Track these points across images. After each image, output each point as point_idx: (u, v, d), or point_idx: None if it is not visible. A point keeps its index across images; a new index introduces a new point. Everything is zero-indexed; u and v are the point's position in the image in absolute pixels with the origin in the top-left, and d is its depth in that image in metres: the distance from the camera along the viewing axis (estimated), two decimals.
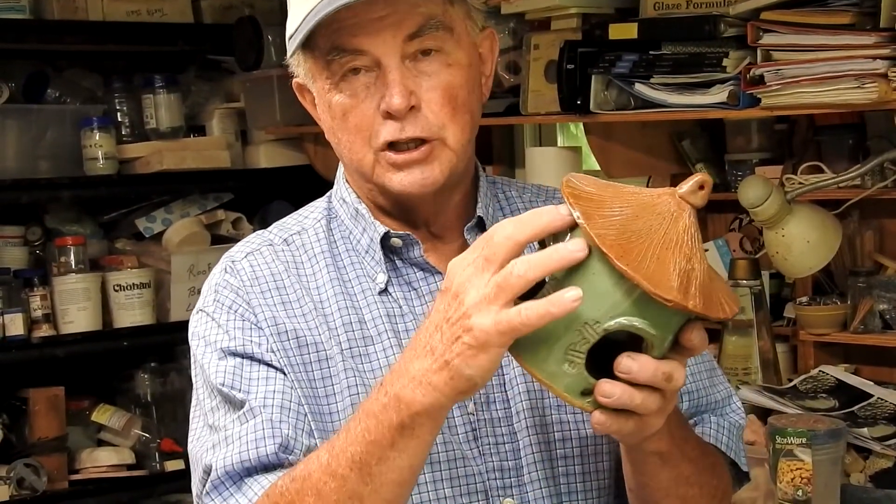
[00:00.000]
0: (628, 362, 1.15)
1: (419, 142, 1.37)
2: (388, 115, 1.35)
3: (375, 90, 1.36)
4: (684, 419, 1.42)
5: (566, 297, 1.10)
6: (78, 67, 3.59)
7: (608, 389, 1.16)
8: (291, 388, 1.38)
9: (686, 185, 1.18)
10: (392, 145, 1.37)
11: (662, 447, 1.32)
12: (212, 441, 1.38)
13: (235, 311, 1.42)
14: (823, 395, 2.50)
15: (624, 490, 1.45)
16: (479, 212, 1.45)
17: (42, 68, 3.50)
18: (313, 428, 1.38)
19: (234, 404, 1.38)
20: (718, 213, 2.99)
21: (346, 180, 1.49)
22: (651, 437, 1.26)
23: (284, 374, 1.39)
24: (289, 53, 1.41)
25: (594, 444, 1.44)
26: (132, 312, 3.37)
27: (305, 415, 1.38)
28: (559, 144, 3.56)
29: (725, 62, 2.39)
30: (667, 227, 1.15)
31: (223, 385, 1.38)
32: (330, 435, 1.33)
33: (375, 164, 1.38)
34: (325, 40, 1.36)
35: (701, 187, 1.18)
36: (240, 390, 1.38)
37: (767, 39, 2.31)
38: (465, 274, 1.15)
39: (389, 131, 1.36)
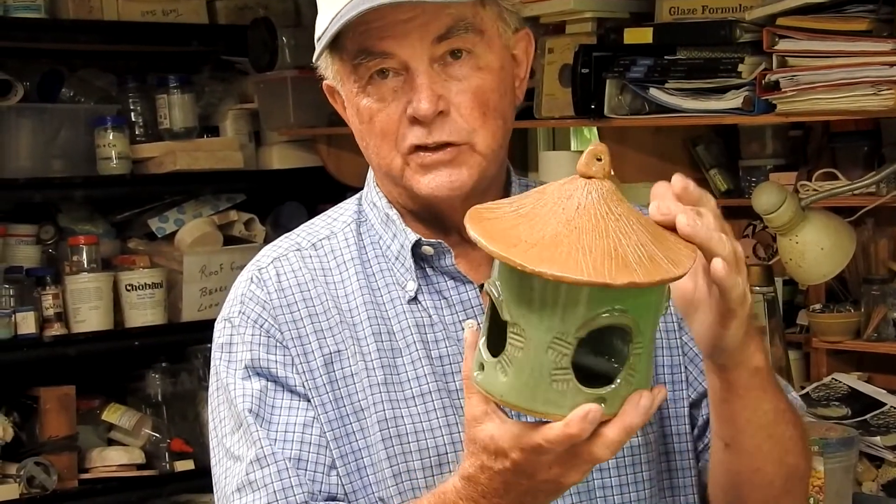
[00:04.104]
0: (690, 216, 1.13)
1: (446, 145, 1.34)
2: (415, 121, 1.33)
3: (403, 94, 1.34)
4: None
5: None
6: (92, 67, 3.59)
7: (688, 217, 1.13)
8: (314, 418, 1.37)
9: (581, 159, 1.15)
10: (419, 148, 1.35)
11: (761, 361, 1.25)
12: (237, 479, 1.36)
13: (261, 327, 1.40)
14: (836, 402, 2.49)
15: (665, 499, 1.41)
16: None
17: (56, 67, 3.50)
18: (336, 456, 1.36)
19: (254, 434, 1.36)
20: (732, 219, 2.96)
21: (377, 184, 1.46)
22: (748, 349, 1.22)
23: (308, 399, 1.37)
24: (315, 55, 1.39)
25: (632, 455, 1.38)
26: (144, 312, 3.37)
27: (327, 446, 1.36)
28: (573, 148, 3.56)
29: (741, 68, 2.38)
30: (566, 211, 1.12)
31: (247, 410, 1.37)
32: (356, 454, 1.35)
33: (405, 167, 1.36)
34: (352, 43, 1.34)
35: (598, 159, 1.15)
36: (263, 419, 1.36)
37: (783, 45, 2.30)
38: None
39: (416, 135, 1.34)
